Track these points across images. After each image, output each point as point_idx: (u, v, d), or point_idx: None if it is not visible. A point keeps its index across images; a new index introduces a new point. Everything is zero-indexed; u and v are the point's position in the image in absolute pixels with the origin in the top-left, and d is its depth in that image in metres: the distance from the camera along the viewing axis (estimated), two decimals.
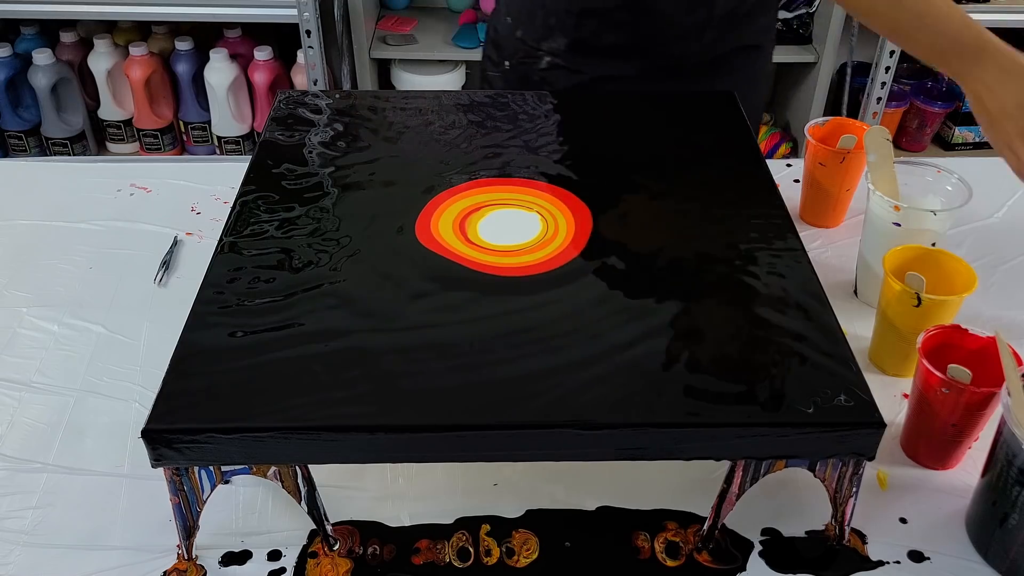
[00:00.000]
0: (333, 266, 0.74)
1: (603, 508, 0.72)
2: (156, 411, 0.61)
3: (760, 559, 0.68)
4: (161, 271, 0.95)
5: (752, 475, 0.66)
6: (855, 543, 0.69)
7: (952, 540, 0.70)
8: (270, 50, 2.07)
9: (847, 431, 0.62)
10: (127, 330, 0.88)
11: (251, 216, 0.79)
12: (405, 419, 0.62)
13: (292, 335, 0.67)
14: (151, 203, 1.06)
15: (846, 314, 0.85)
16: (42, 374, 0.83)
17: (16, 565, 0.67)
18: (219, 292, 0.71)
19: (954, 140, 2.30)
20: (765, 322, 0.69)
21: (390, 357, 0.66)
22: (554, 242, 0.77)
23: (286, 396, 0.62)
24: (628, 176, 0.87)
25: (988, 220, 1.06)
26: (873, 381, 0.65)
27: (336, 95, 0.99)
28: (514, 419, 0.62)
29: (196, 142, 2.19)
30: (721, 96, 1.00)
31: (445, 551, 0.68)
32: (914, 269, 0.81)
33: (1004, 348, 0.67)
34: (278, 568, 0.67)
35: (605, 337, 0.67)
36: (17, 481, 0.73)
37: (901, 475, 0.75)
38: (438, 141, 0.91)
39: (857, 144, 0.99)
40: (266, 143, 0.90)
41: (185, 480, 0.64)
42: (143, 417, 0.60)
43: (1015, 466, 0.63)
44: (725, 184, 0.86)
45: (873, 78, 2.03)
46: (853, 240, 0.98)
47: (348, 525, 0.70)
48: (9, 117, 2.10)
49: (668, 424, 0.62)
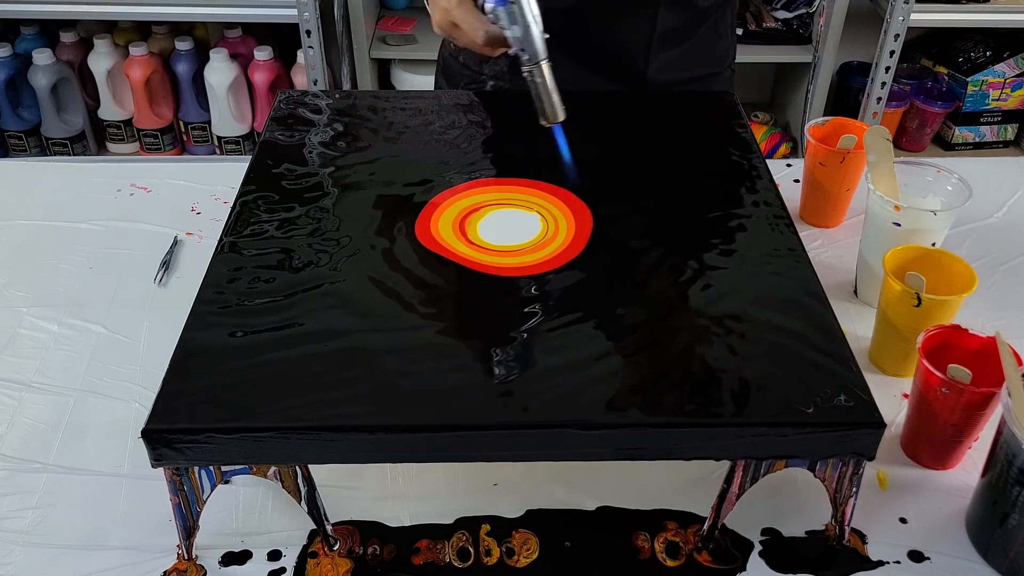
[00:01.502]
0: (333, 266, 0.74)
1: (603, 508, 0.72)
2: (156, 411, 0.61)
3: (760, 559, 0.68)
4: (161, 271, 0.95)
5: (752, 475, 0.66)
6: (855, 543, 0.69)
7: (952, 540, 0.70)
8: (270, 50, 2.07)
9: (847, 431, 0.62)
10: (127, 330, 0.88)
11: (251, 216, 0.79)
12: (405, 419, 0.61)
13: (292, 335, 0.67)
14: (151, 203, 1.06)
15: (846, 314, 0.86)
16: (42, 374, 0.83)
17: (16, 565, 0.67)
18: (219, 292, 0.71)
19: (954, 140, 2.30)
20: (765, 322, 0.69)
21: (390, 357, 0.66)
22: (554, 242, 0.77)
23: (286, 396, 0.62)
24: (628, 176, 0.87)
25: (988, 220, 1.06)
26: (873, 381, 0.65)
27: (336, 95, 0.99)
28: (514, 419, 0.62)
29: (196, 142, 2.19)
30: (721, 96, 1.00)
31: (445, 551, 0.68)
32: (914, 269, 0.81)
33: (1004, 348, 0.67)
34: (278, 568, 0.67)
35: (604, 337, 0.68)
36: (17, 481, 0.73)
37: (901, 475, 0.75)
38: (438, 141, 0.91)
39: (857, 144, 0.99)
40: (266, 143, 0.90)
41: (185, 480, 0.64)
42: (143, 417, 0.60)
43: (1015, 466, 0.63)
44: (725, 184, 0.86)
45: (873, 78, 2.03)
46: (853, 240, 0.98)
47: (348, 525, 0.70)
48: (9, 117, 2.10)
49: (668, 424, 0.62)
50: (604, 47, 1.04)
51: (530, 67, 0.79)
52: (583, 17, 1.01)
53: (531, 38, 0.78)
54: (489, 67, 1.08)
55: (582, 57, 1.04)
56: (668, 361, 0.66)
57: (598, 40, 1.03)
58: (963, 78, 2.22)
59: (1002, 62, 2.20)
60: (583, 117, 0.97)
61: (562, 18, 1.01)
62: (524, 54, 0.79)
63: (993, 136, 2.32)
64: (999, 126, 2.31)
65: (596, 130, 0.94)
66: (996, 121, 2.30)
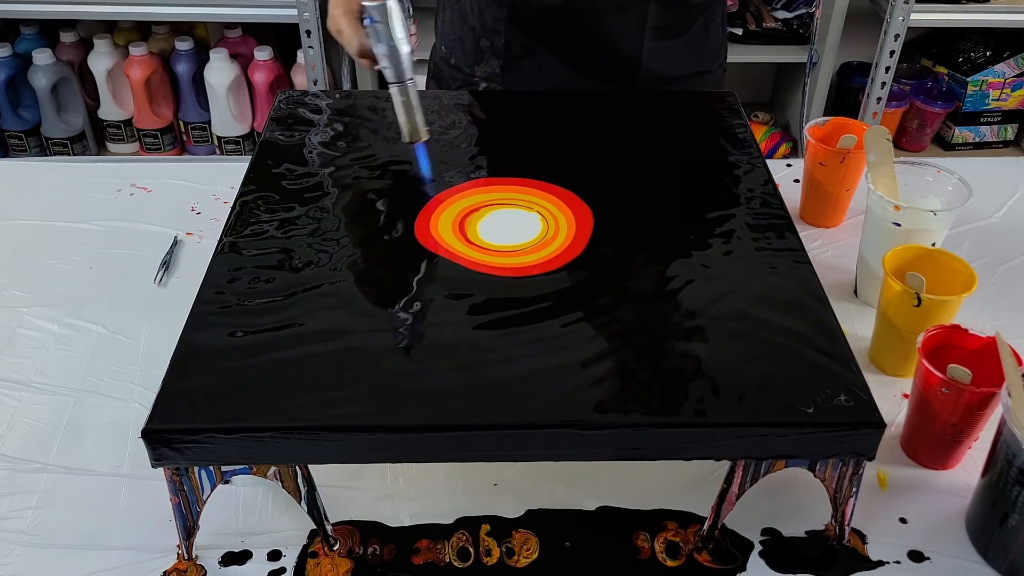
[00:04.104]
0: (333, 266, 0.74)
1: (603, 508, 0.72)
2: (156, 411, 0.61)
3: (760, 559, 0.68)
4: (161, 271, 0.95)
5: (752, 475, 0.66)
6: (855, 543, 0.69)
7: (952, 540, 0.70)
8: (270, 50, 2.07)
9: (847, 431, 0.62)
10: (127, 330, 0.88)
11: (251, 216, 0.79)
12: (405, 419, 0.61)
13: (292, 335, 0.67)
14: (151, 203, 1.06)
15: (846, 314, 0.86)
16: (42, 374, 0.83)
17: (16, 565, 0.67)
18: (219, 292, 0.71)
19: (954, 140, 2.30)
20: (765, 322, 0.69)
21: (390, 357, 0.66)
22: (554, 242, 0.77)
23: (286, 396, 0.62)
24: (628, 176, 0.87)
25: (988, 220, 1.06)
26: (873, 381, 0.65)
27: (336, 95, 0.99)
28: (514, 419, 0.62)
29: (196, 142, 2.18)
30: (721, 95, 1.00)
31: (445, 551, 0.68)
32: (914, 269, 0.81)
33: (1004, 348, 0.67)
34: (278, 568, 0.67)
35: (605, 337, 0.68)
36: (17, 481, 0.73)
37: (901, 475, 0.75)
38: (438, 141, 0.91)
39: (857, 144, 0.99)
40: (266, 143, 0.90)
41: (185, 480, 0.64)
42: (143, 417, 0.60)
43: (1015, 466, 0.63)
44: (725, 184, 0.86)
45: (873, 78, 2.03)
46: (853, 240, 0.98)
47: (348, 525, 0.70)
48: (9, 117, 2.10)
49: (668, 424, 0.62)
50: (596, 46, 1.04)
51: (394, 85, 0.81)
52: (573, 16, 1.01)
53: (396, 57, 0.80)
54: (481, 68, 1.08)
55: (572, 57, 1.04)
56: (668, 361, 0.66)
57: (590, 40, 1.03)
58: (963, 78, 2.22)
59: (1002, 62, 2.20)
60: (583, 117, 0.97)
61: (551, 18, 1.01)
62: (389, 71, 0.81)
63: (993, 136, 2.32)
64: (999, 126, 2.31)
65: (596, 130, 0.94)
66: (996, 121, 2.29)
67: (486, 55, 1.06)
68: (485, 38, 1.05)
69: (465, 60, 1.09)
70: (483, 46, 1.06)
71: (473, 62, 1.08)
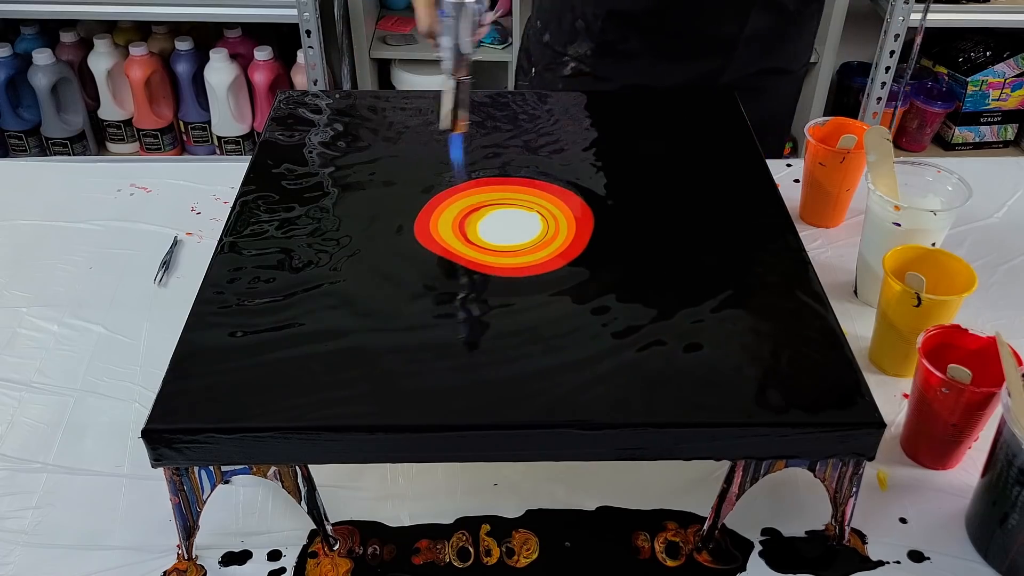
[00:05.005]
0: (333, 266, 0.74)
1: (603, 508, 0.72)
2: (156, 411, 0.61)
3: (760, 559, 0.68)
4: (161, 271, 0.95)
5: (752, 475, 0.66)
6: (855, 543, 0.69)
7: (952, 540, 0.70)
8: (270, 50, 2.07)
9: (847, 431, 0.62)
10: (127, 330, 0.88)
11: (251, 216, 0.79)
12: (405, 419, 0.61)
13: (292, 335, 0.67)
14: (151, 203, 1.06)
15: (846, 314, 0.86)
16: (42, 374, 0.83)
17: (16, 565, 0.67)
18: (219, 292, 0.71)
19: (954, 140, 2.31)
20: (765, 322, 0.69)
21: (390, 357, 0.66)
22: (554, 242, 0.77)
23: (286, 396, 0.62)
24: (628, 175, 0.87)
25: (988, 220, 1.06)
26: (873, 381, 0.65)
27: (336, 95, 0.99)
28: (514, 419, 0.62)
29: (196, 142, 2.19)
30: (721, 95, 1.00)
31: (445, 551, 0.68)
32: (914, 269, 0.81)
33: (1004, 348, 0.67)
34: (278, 568, 0.67)
35: (605, 337, 0.67)
36: (17, 481, 0.73)
37: (901, 475, 0.75)
38: (438, 141, 0.91)
39: (857, 144, 0.99)
40: (266, 143, 0.90)
41: (185, 480, 0.64)
42: (143, 417, 0.60)
43: (1015, 466, 0.63)
44: (725, 184, 0.86)
45: (873, 78, 2.03)
46: (853, 240, 0.98)
47: (348, 525, 0.70)
48: (9, 117, 2.10)
49: (668, 424, 0.62)
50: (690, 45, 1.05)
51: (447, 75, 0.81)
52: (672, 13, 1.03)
53: (456, 55, 0.80)
54: (573, 48, 1.08)
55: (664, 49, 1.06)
56: (668, 361, 0.66)
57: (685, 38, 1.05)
58: (963, 78, 2.22)
59: (1002, 62, 2.20)
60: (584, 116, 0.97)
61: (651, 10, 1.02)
62: (446, 63, 0.81)
63: (993, 136, 2.33)
64: (999, 126, 2.31)
65: (597, 129, 0.94)
66: (996, 121, 2.30)
67: (580, 35, 1.07)
68: (582, 19, 1.06)
69: (559, 38, 1.09)
70: (579, 27, 1.07)
71: (566, 41, 1.09)
